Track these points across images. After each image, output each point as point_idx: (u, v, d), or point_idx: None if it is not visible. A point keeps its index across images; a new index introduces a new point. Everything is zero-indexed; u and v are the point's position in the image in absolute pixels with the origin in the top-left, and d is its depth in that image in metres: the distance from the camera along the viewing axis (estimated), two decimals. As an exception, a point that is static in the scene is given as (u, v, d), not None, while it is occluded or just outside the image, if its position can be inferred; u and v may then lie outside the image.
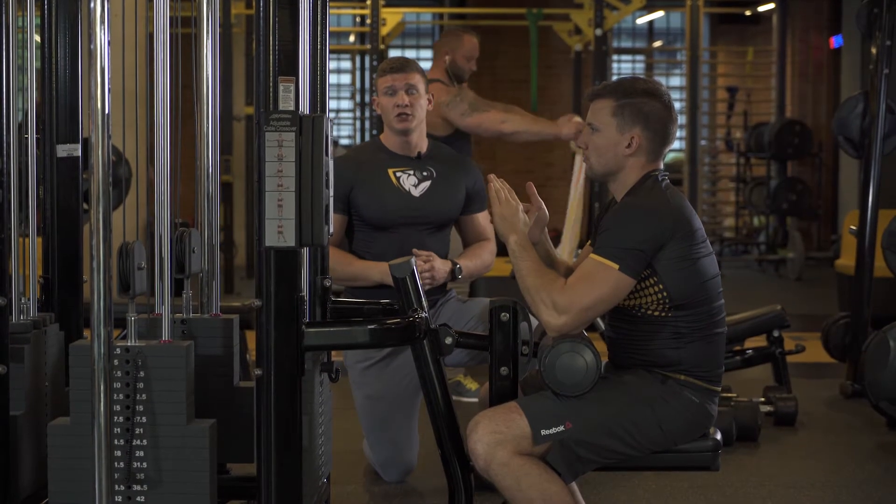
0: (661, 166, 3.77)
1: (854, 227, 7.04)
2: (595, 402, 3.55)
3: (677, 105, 16.80)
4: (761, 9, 16.88)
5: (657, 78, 18.23)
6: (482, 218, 5.06)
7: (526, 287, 3.61)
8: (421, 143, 4.97)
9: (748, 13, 17.35)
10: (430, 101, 4.96)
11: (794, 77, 16.48)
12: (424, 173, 4.93)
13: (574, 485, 3.72)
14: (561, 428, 3.51)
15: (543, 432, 3.50)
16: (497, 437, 3.48)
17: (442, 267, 4.77)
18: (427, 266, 4.71)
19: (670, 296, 3.58)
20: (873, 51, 6.99)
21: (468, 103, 6.74)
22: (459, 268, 4.84)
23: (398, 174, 4.90)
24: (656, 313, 3.61)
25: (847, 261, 8.52)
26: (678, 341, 3.61)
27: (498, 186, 3.77)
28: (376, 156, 4.95)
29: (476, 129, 6.79)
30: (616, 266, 3.52)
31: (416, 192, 4.88)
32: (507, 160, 16.61)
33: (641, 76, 4.10)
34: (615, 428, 3.54)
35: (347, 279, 4.78)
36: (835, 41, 15.08)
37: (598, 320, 5.50)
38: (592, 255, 3.57)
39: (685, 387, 3.61)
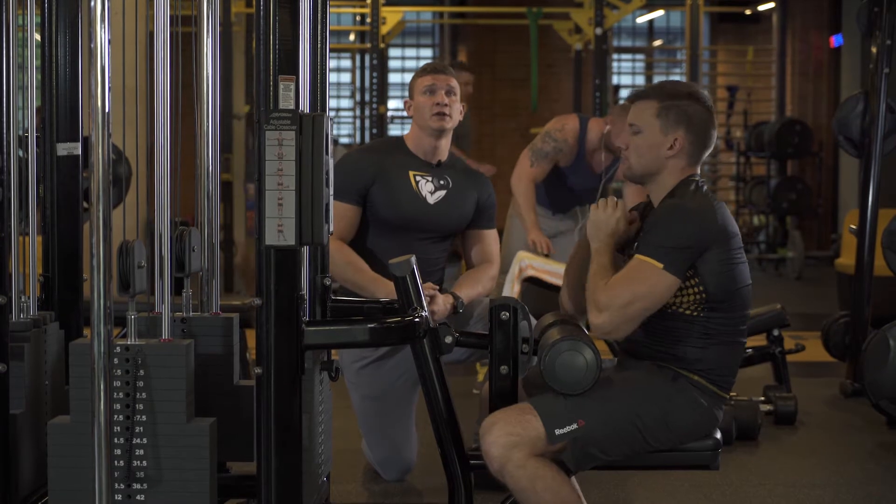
0: (699, 171, 3.77)
1: (854, 227, 7.04)
2: (605, 400, 3.55)
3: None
4: (761, 8, 16.87)
5: (657, 77, 18.27)
6: (490, 237, 5.02)
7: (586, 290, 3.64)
8: (444, 152, 4.94)
9: (748, 12, 17.35)
10: (461, 112, 4.93)
11: (795, 76, 16.48)
12: (441, 182, 4.90)
13: (574, 479, 3.73)
14: (574, 426, 3.50)
15: (558, 432, 3.49)
16: (513, 439, 3.48)
17: (443, 305, 4.64)
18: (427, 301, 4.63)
19: (708, 297, 3.58)
20: (873, 50, 6.99)
21: (539, 158, 6.69)
22: (461, 301, 4.74)
23: (418, 178, 4.87)
24: (688, 312, 3.60)
25: (847, 260, 8.52)
26: (704, 341, 3.61)
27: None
28: (398, 156, 4.90)
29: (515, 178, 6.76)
30: (660, 265, 3.51)
31: (431, 200, 4.85)
32: (507, 160, 16.60)
33: (681, 81, 4.07)
34: (625, 427, 3.55)
35: (351, 285, 4.72)
36: (835, 40, 15.08)
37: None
38: (637, 255, 3.57)
39: (695, 387, 3.61)
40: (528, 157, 6.75)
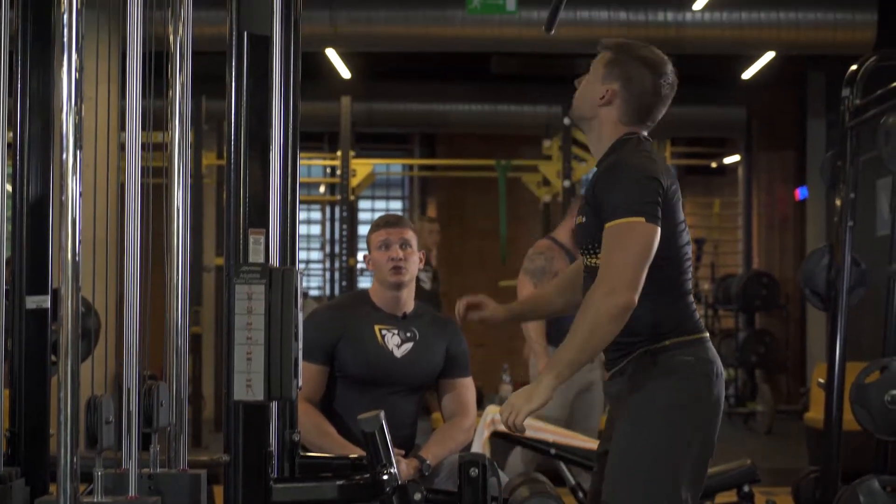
0: (645, 134, 3.77)
1: (822, 380, 7.03)
2: (644, 463, 3.52)
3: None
4: (727, 161, 17.08)
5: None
6: (463, 386, 4.98)
7: (587, 343, 3.49)
8: (408, 303, 4.93)
9: (714, 165, 17.56)
10: (421, 260, 4.93)
11: (761, 228, 16.63)
12: (408, 334, 4.88)
13: None
14: None
15: None
16: None
17: (407, 471, 4.58)
18: None
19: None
20: (838, 203, 7.05)
21: (537, 275, 6.71)
22: (427, 465, 4.70)
23: (383, 332, 4.85)
24: None
25: (816, 414, 8.51)
26: (646, 300, 3.53)
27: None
28: (363, 309, 4.90)
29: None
30: (642, 219, 3.48)
31: (398, 353, 4.83)
32: (476, 226, 16.63)
33: (652, 47, 3.96)
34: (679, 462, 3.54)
35: (318, 451, 4.66)
36: (800, 193, 15.24)
37: (568, 474, 5.46)
38: (610, 224, 3.52)
39: (675, 351, 3.58)
40: (527, 281, 6.76)
